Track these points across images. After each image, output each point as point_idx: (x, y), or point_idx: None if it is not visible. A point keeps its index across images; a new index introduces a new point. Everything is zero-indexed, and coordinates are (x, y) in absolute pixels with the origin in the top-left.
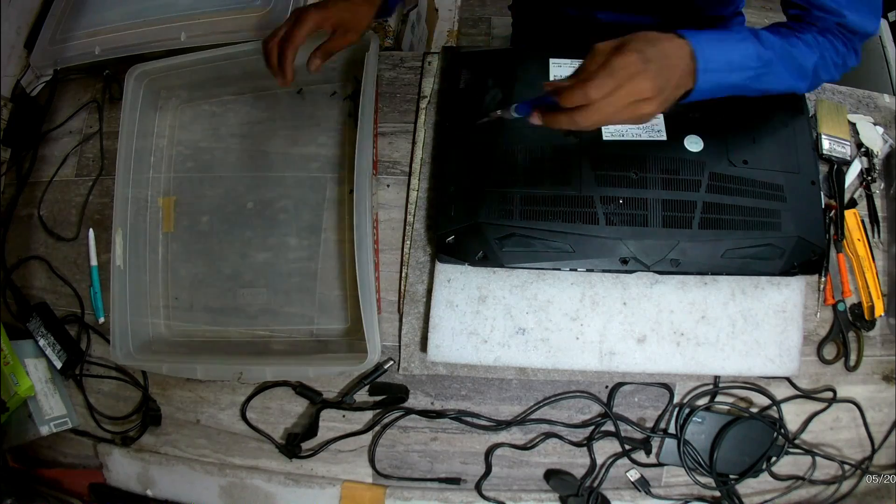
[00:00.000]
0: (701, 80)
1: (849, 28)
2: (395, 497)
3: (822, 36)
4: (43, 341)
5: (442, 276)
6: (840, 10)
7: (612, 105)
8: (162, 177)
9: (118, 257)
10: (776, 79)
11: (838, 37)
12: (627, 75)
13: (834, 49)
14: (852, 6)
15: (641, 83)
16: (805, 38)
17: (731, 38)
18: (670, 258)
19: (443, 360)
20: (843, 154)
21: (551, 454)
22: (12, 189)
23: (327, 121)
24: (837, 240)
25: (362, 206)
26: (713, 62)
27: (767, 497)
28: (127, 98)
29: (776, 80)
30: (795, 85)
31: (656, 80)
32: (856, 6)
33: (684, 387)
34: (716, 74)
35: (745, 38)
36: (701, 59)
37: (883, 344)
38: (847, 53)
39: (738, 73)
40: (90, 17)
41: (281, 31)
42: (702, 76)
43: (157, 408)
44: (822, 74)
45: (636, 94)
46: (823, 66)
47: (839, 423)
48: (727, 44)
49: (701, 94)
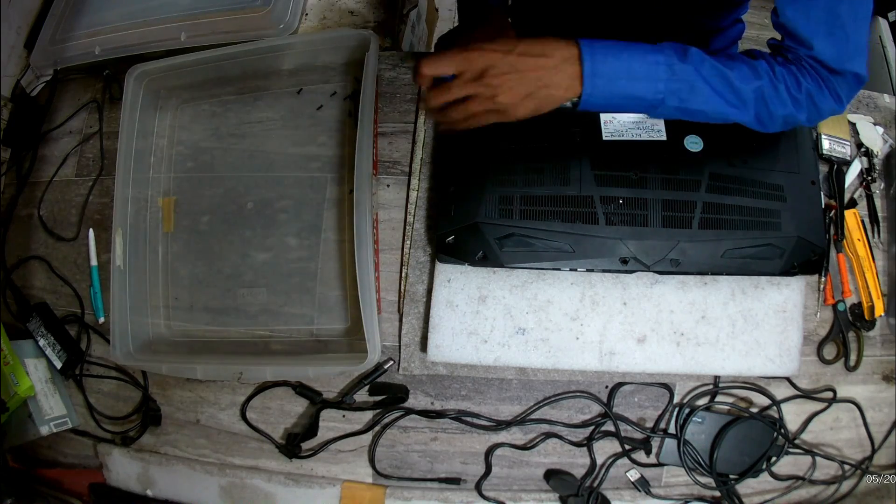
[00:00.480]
0: (588, 84)
1: (821, 62)
2: (395, 497)
3: (782, 66)
4: (43, 341)
5: (442, 276)
6: (809, 40)
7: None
8: (162, 177)
9: (118, 257)
10: (701, 100)
11: (807, 71)
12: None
13: (795, 82)
14: (825, 37)
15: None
16: (753, 64)
17: (641, 48)
18: (670, 258)
19: (443, 360)
20: (843, 154)
21: (551, 454)
22: (12, 189)
23: (327, 121)
24: (837, 240)
25: (362, 205)
26: (606, 66)
27: (767, 497)
28: (127, 98)
29: (702, 102)
30: (732, 112)
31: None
32: (829, 38)
33: (684, 387)
34: (610, 81)
35: (659, 51)
36: (587, 62)
37: (883, 344)
38: (815, 90)
39: (644, 83)
40: (90, 17)
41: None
42: (588, 81)
43: (157, 408)
44: (773, 107)
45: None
46: (775, 99)
47: (839, 423)
48: (631, 51)
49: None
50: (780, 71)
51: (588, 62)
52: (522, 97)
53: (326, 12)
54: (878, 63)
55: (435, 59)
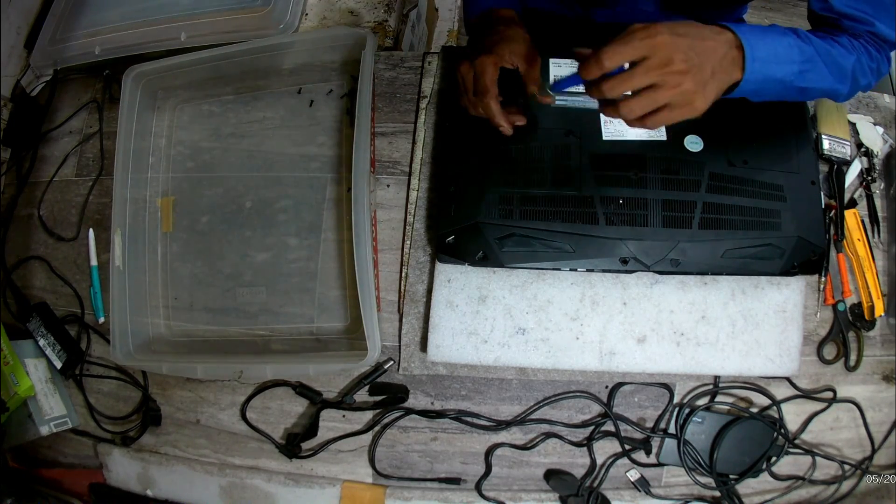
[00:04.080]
0: (748, 69)
1: (880, 36)
2: (395, 497)
3: (857, 40)
4: (43, 341)
5: (442, 276)
6: (870, 20)
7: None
8: (161, 177)
9: (117, 258)
10: (819, 77)
11: (871, 43)
12: (652, 44)
13: (868, 54)
14: (881, 16)
15: (665, 52)
16: (841, 41)
17: (772, 30)
18: (670, 258)
19: (443, 360)
20: (843, 154)
21: (551, 454)
22: (12, 189)
23: (326, 120)
24: (837, 240)
25: (360, 202)
26: (760, 51)
27: (767, 497)
28: (124, 99)
29: (819, 78)
30: (836, 87)
31: (687, 53)
32: (885, 15)
33: (684, 387)
34: (764, 65)
35: (785, 32)
36: (747, 47)
37: (883, 344)
38: (881, 59)
39: (785, 66)
40: (90, 17)
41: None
42: (749, 65)
43: (157, 408)
44: (860, 79)
45: (662, 66)
46: (861, 70)
47: (839, 423)
48: (770, 35)
49: (750, 85)
50: (858, 45)
51: (748, 46)
52: (704, 84)
53: (326, 12)
54: None
55: (618, 48)
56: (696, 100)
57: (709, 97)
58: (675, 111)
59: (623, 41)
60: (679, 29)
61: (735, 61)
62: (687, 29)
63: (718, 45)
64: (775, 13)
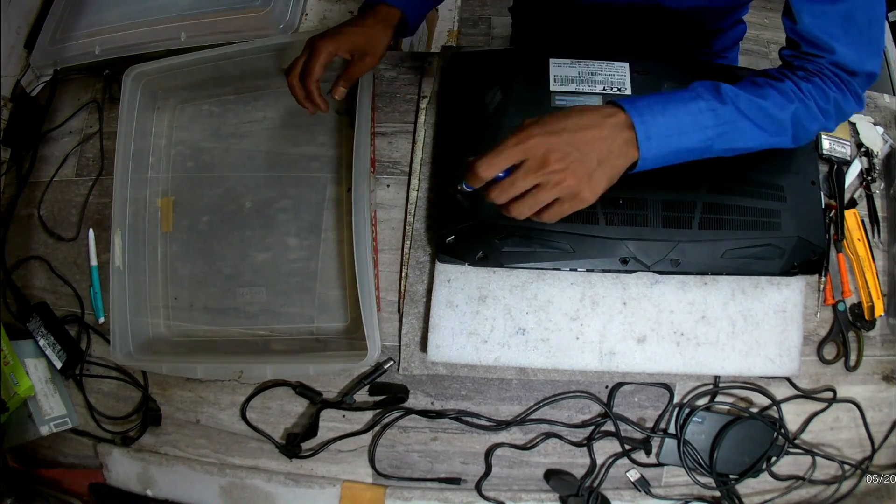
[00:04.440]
0: (644, 148)
1: (842, 66)
2: (395, 497)
3: (807, 82)
4: (43, 341)
5: (442, 276)
6: (831, 45)
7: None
8: (161, 177)
9: (117, 258)
10: (745, 137)
11: (830, 79)
12: (524, 149)
13: (823, 95)
14: (845, 41)
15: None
16: (782, 88)
17: (679, 97)
18: (670, 258)
19: (443, 360)
20: (843, 154)
21: (551, 454)
22: (12, 189)
23: (326, 120)
24: (837, 240)
25: (360, 202)
26: (656, 126)
27: (767, 497)
28: (124, 99)
29: (746, 139)
30: (773, 140)
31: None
32: (849, 41)
33: (684, 387)
34: (663, 140)
35: (698, 96)
36: (639, 126)
37: (883, 344)
38: (841, 97)
39: (693, 134)
40: (90, 17)
41: (298, 65)
42: (644, 144)
43: (157, 408)
44: (808, 125)
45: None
46: (808, 116)
47: (839, 423)
48: (674, 104)
49: (650, 162)
50: (807, 87)
51: (639, 125)
52: (588, 176)
53: (326, 12)
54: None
55: (491, 159)
56: (582, 192)
57: (597, 188)
58: (564, 205)
59: (496, 151)
60: (555, 126)
61: (630, 142)
62: (564, 123)
63: (602, 133)
64: (775, 13)
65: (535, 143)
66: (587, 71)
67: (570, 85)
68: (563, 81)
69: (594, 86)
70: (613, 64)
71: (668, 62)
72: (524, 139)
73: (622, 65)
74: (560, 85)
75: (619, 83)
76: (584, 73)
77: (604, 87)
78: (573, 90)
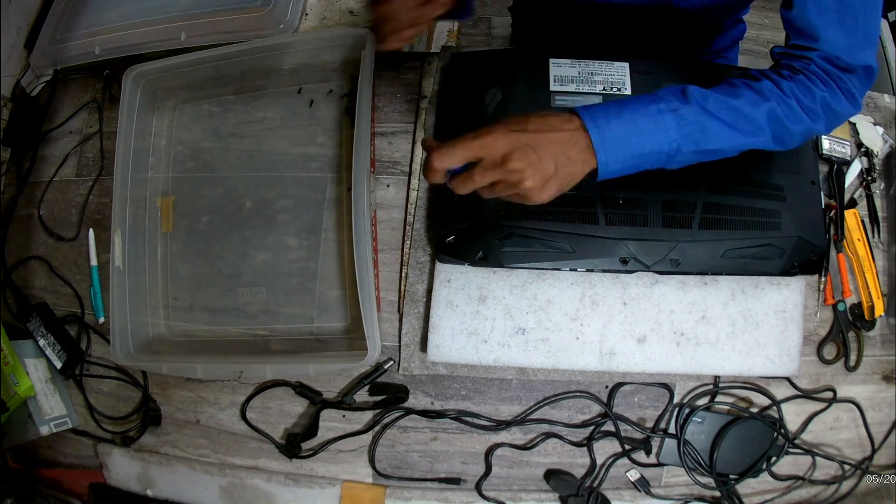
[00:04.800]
0: (601, 152)
1: (833, 60)
2: (395, 497)
3: (789, 81)
4: (43, 341)
5: (442, 276)
6: (822, 32)
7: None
8: (161, 177)
9: (117, 258)
10: (716, 138)
11: (818, 77)
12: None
13: (807, 93)
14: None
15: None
16: (758, 87)
17: (637, 101)
18: (670, 258)
19: (443, 360)
20: (843, 154)
21: (551, 454)
22: (12, 189)
23: (326, 120)
24: (837, 240)
25: (360, 201)
26: (611, 131)
27: (767, 497)
28: (124, 99)
29: (717, 139)
30: (749, 140)
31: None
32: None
33: (684, 387)
34: (622, 145)
35: (659, 99)
36: (593, 131)
37: (883, 344)
38: (829, 96)
39: (654, 137)
40: (90, 17)
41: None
42: (601, 149)
43: (157, 408)
44: (790, 125)
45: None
46: (790, 116)
47: (839, 423)
48: (630, 108)
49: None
50: (788, 86)
51: (593, 129)
52: (544, 181)
53: (326, 12)
54: (879, 63)
55: (448, 152)
56: (534, 196)
57: (548, 193)
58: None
59: (452, 144)
60: (515, 125)
61: (588, 148)
62: (525, 124)
63: (561, 137)
64: (775, 13)
65: (495, 140)
66: (587, 71)
67: (570, 85)
68: (563, 81)
69: (594, 86)
70: (613, 64)
71: (668, 62)
72: (484, 134)
73: (622, 65)
74: (560, 85)
75: (619, 83)
76: (584, 73)
77: (604, 87)
78: (573, 90)
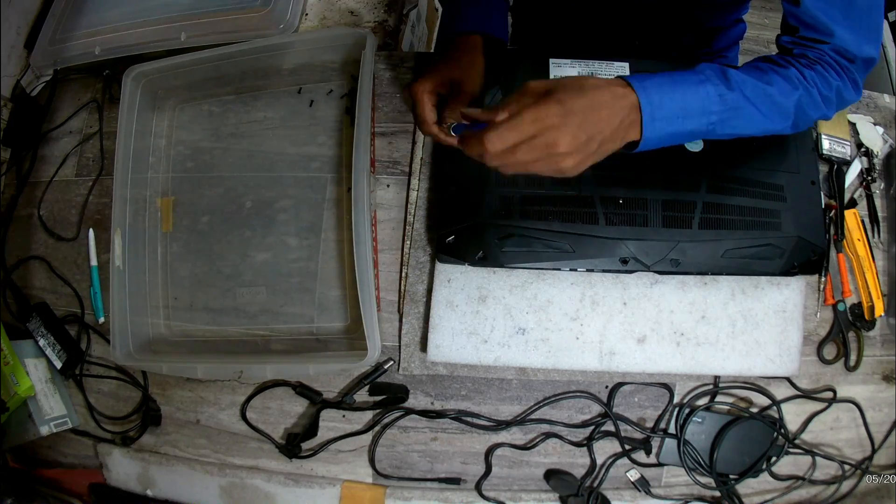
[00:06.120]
0: (648, 129)
1: (842, 52)
2: (395, 497)
3: (809, 69)
4: (43, 341)
5: (442, 276)
6: (831, 28)
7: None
8: (161, 177)
9: (117, 258)
10: (747, 122)
11: (831, 66)
12: (541, 127)
13: (825, 82)
14: (846, 24)
15: (554, 136)
16: (786, 74)
17: (688, 80)
18: (670, 258)
19: (443, 360)
20: (843, 154)
21: (551, 454)
22: (12, 189)
23: (326, 120)
24: (837, 240)
25: (360, 201)
26: (663, 109)
27: (767, 497)
28: (124, 99)
29: (747, 124)
30: (774, 126)
31: (576, 134)
32: (850, 25)
33: (684, 387)
34: (667, 123)
35: (707, 80)
36: (646, 108)
37: (883, 344)
38: (842, 85)
39: (697, 118)
40: (90, 17)
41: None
42: (648, 126)
43: (157, 408)
44: (809, 112)
45: (547, 147)
46: (811, 104)
47: (839, 423)
48: (682, 87)
49: (651, 144)
50: (810, 75)
51: (646, 106)
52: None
53: (326, 12)
54: (879, 63)
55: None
56: (569, 171)
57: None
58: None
59: (511, 125)
60: (574, 103)
61: (634, 123)
62: (580, 101)
63: (614, 114)
64: (775, 13)
65: (552, 124)
66: (587, 71)
67: None
68: None
69: None
70: (613, 64)
71: (668, 62)
72: (542, 118)
73: (622, 65)
74: None
75: None
76: (584, 73)
77: None
78: None
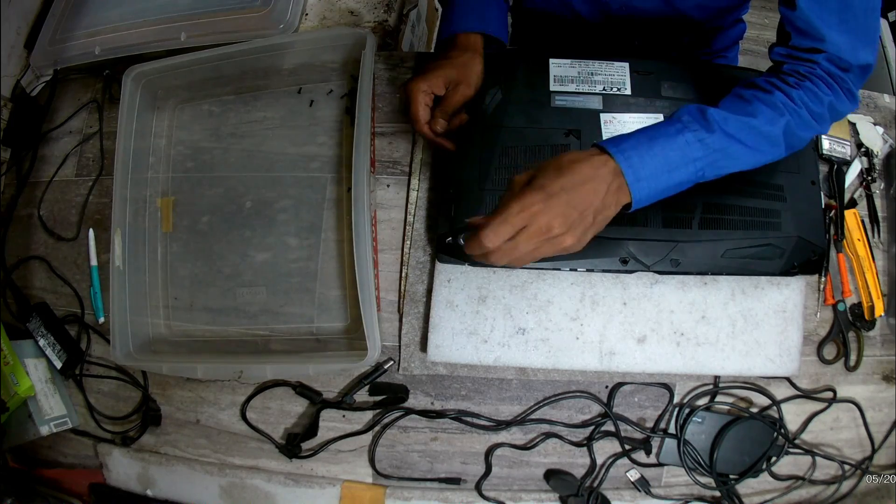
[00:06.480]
0: (636, 191)
1: (836, 61)
2: (395, 497)
3: (798, 89)
4: (43, 341)
5: (442, 276)
6: (825, 33)
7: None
8: (161, 177)
9: (117, 258)
10: (736, 160)
11: (823, 81)
12: (528, 216)
13: (815, 99)
14: (841, 29)
15: (544, 221)
16: (771, 101)
17: (664, 132)
18: (670, 258)
19: (443, 360)
20: (843, 154)
21: (551, 454)
22: (12, 189)
23: (326, 120)
24: (837, 240)
25: (360, 201)
26: (645, 168)
27: (767, 497)
28: (124, 99)
29: (737, 162)
30: (766, 157)
31: (565, 213)
32: (845, 29)
33: (684, 387)
34: (654, 180)
35: (684, 128)
36: (628, 172)
37: (883, 344)
38: (835, 99)
39: (683, 168)
40: (90, 17)
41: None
42: (634, 187)
43: (157, 408)
44: (801, 133)
45: (542, 232)
46: (801, 125)
47: (839, 423)
48: (660, 142)
49: (644, 202)
50: (798, 95)
51: (627, 169)
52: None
53: (326, 12)
54: (879, 63)
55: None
56: (573, 247)
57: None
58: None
59: (500, 220)
60: (553, 187)
61: (622, 187)
62: (561, 182)
63: (598, 185)
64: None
65: (539, 211)
66: (587, 71)
67: (570, 85)
68: (563, 81)
69: (594, 86)
70: (613, 64)
71: (668, 62)
72: (528, 206)
73: (622, 65)
74: (560, 85)
75: (619, 83)
76: (584, 72)
77: (604, 87)
78: (573, 90)
